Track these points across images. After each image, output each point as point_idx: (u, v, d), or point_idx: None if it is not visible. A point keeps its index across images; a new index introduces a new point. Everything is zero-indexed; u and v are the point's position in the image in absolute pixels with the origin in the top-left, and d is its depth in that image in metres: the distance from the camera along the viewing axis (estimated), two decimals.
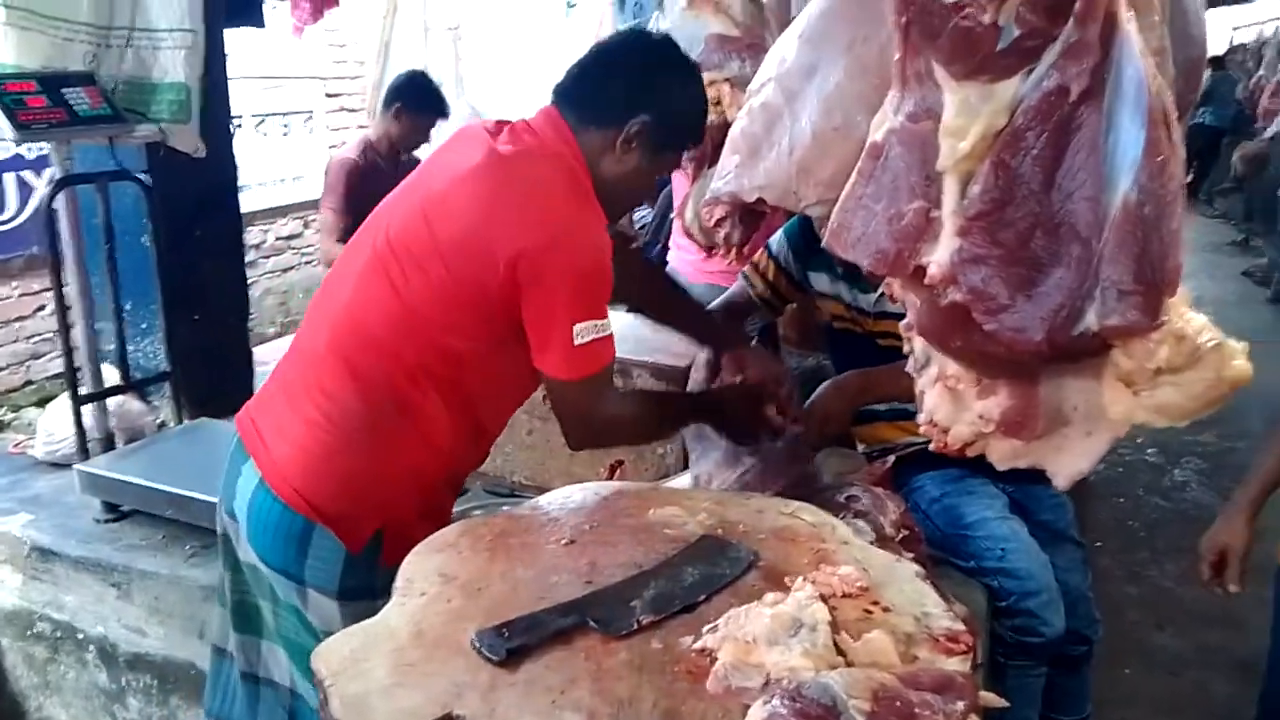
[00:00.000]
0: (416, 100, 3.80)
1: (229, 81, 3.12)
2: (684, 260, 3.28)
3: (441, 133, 3.87)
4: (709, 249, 2.45)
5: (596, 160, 1.61)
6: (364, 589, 1.57)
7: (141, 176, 2.64)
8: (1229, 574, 1.92)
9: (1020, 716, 2.10)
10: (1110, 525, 4.05)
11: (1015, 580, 2.02)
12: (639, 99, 1.59)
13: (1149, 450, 4.78)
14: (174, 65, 2.60)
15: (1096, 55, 0.74)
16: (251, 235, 6.26)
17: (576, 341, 1.50)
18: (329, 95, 7.09)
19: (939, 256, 0.82)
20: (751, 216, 1.25)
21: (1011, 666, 2.06)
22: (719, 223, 1.29)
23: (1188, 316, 0.76)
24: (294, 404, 1.62)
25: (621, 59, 1.67)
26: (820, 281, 2.26)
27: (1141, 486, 4.46)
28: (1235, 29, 15.50)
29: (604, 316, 1.55)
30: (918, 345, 0.98)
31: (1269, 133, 10.33)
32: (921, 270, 0.84)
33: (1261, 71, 12.25)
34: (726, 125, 2.14)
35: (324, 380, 1.59)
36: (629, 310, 2.11)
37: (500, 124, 1.65)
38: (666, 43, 1.72)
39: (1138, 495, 4.38)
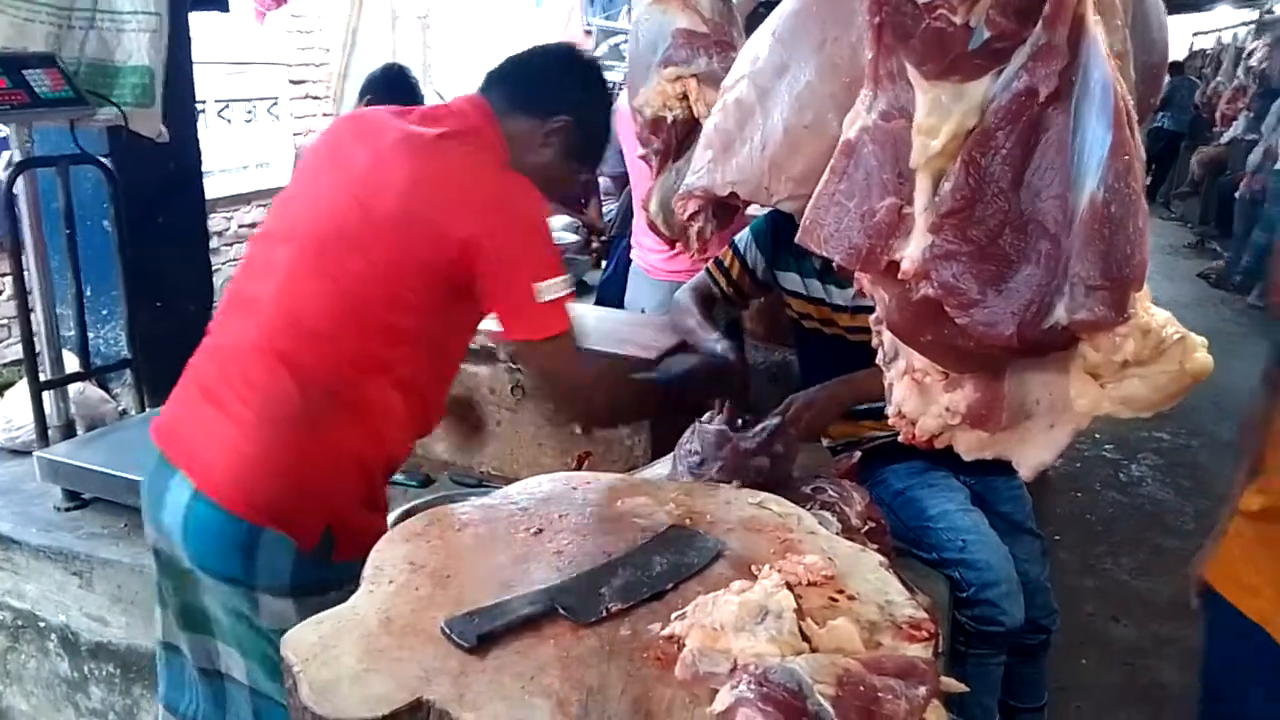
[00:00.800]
0: (388, 93, 3.76)
1: (193, 66, 3.09)
2: (647, 259, 3.28)
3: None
4: (672, 242, 2.45)
5: (517, 147, 1.66)
6: (317, 583, 1.54)
7: (103, 160, 2.59)
8: None
9: (980, 703, 2.15)
10: (1068, 519, 4.13)
11: (975, 571, 2.05)
12: (567, 99, 1.67)
13: (1106, 446, 4.88)
14: (137, 48, 2.57)
15: (1065, 58, 0.77)
16: (214, 223, 6.17)
17: (541, 299, 1.53)
18: (293, 82, 7.01)
19: (911, 252, 0.83)
20: (724, 211, 1.27)
21: (971, 655, 2.10)
22: (692, 217, 1.31)
23: (1152, 311, 0.78)
24: (219, 405, 1.56)
25: (557, 61, 1.77)
26: (790, 280, 2.28)
27: (1099, 481, 4.55)
28: (1195, 35, 15.79)
29: (562, 273, 1.57)
30: (886, 339, 1.00)
31: (1226, 137, 10.57)
32: (893, 266, 0.86)
33: (1219, 78, 12.52)
34: (692, 120, 2.16)
35: (252, 375, 1.55)
36: None
37: (402, 110, 1.67)
38: (598, 68, 1.82)
39: (1095, 490, 4.46)
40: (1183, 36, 15.45)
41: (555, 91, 1.68)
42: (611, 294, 3.65)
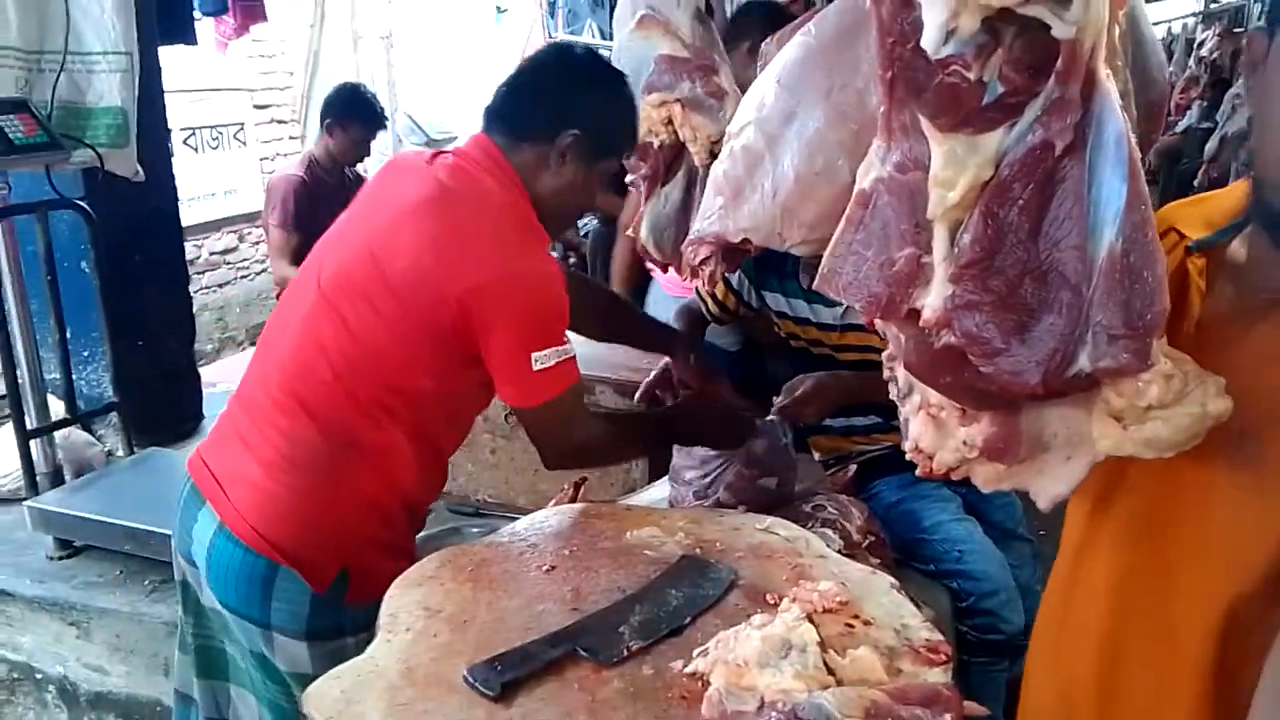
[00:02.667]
0: (348, 114, 3.76)
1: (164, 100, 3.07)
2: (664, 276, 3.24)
3: (380, 147, 3.85)
4: (665, 266, 2.47)
5: (534, 178, 1.63)
6: (331, 629, 1.57)
7: (81, 204, 2.57)
8: None
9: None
10: (1051, 514, 4.18)
11: (974, 581, 2.08)
12: (567, 113, 1.62)
13: None
14: (109, 89, 2.55)
15: (1078, 111, 0.79)
16: (186, 251, 6.12)
17: (536, 368, 1.53)
18: (257, 107, 6.96)
19: (933, 301, 0.85)
20: (734, 254, 1.30)
21: (975, 665, 2.12)
22: (704, 261, 1.33)
23: (1174, 356, 0.81)
24: (250, 446, 1.60)
25: (545, 75, 1.70)
26: (776, 301, 2.30)
27: None
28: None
29: (563, 342, 1.57)
30: (900, 375, 1.02)
31: (1181, 126, 10.73)
32: (913, 313, 0.88)
33: (1171, 67, 12.71)
34: (678, 145, 2.17)
35: (279, 421, 1.58)
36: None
37: (436, 154, 1.67)
38: (590, 56, 1.76)
39: None
40: None
41: (549, 110, 1.62)
42: None
